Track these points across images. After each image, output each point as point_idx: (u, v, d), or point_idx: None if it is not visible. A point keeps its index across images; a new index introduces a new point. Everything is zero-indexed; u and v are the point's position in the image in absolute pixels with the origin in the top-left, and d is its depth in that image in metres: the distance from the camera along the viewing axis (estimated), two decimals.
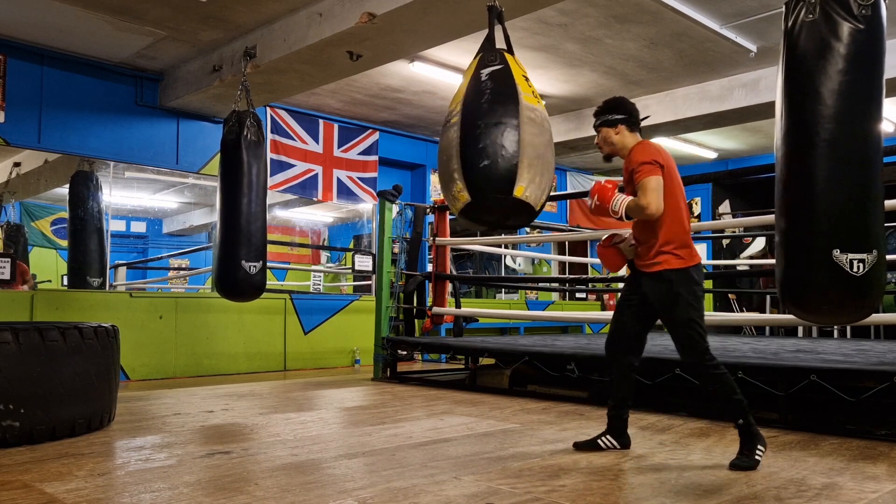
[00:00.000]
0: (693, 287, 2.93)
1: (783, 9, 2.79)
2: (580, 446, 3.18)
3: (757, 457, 2.81)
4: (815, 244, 2.63)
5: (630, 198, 2.96)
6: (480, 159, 3.02)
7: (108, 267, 7.31)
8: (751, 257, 10.46)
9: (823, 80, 2.63)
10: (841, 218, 2.61)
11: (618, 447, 3.16)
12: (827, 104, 2.62)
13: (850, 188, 2.62)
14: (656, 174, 2.91)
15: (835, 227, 2.61)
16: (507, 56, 3.29)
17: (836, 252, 2.57)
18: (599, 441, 3.17)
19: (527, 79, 3.29)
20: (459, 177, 3.05)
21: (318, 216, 11.07)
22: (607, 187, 3.01)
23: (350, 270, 9.58)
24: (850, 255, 2.56)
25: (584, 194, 9.94)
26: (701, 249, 11.03)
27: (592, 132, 3.20)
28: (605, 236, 3.24)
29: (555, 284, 10.12)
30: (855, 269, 2.56)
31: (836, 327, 8.41)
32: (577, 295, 11.20)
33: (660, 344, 5.70)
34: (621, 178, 3.14)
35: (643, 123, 3.19)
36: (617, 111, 3.12)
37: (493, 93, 3.13)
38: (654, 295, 2.99)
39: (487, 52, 3.30)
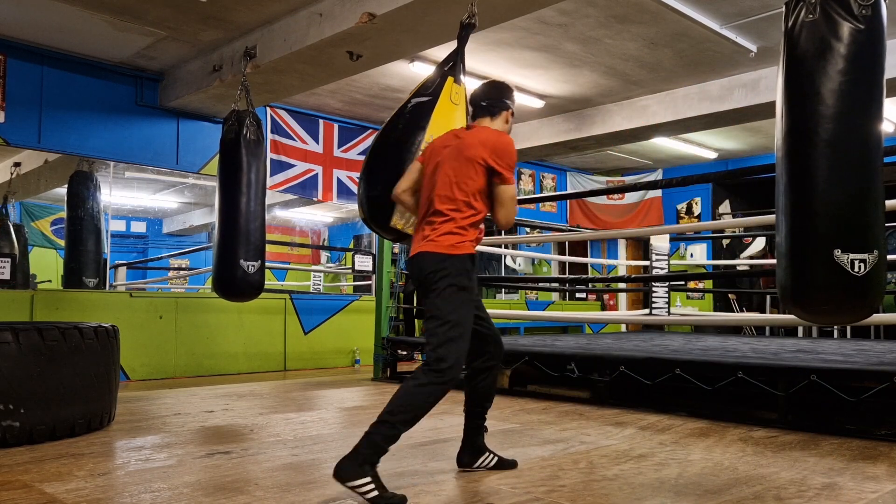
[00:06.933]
0: None
1: (783, 9, 2.78)
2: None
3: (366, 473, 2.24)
4: (815, 244, 2.62)
5: None
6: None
7: (107, 267, 7.31)
8: (751, 257, 10.46)
9: (823, 80, 2.62)
10: (841, 218, 2.61)
11: None
12: (827, 104, 2.62)
13: (851, 188, 2.61)
14: None
15: (835, 228, 2.60)
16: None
17: (838, 252, 2.57)
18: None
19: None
20: (399, 211, 3.08)
21: (318, 216, 11.06)
22: None
23: (350, 270, 9.58)
24: (852, 256, 2.56)
25: (585, 194, 10.02)
26: (701, 249, 11.07)
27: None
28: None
29: (555, 284, 10.12)
30: (856, 270, 2.56)
31: (836, 327, 8.41)
32: (577, 295, 11.20)
33: (659, 344, 5.70)
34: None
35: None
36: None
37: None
38: None
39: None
